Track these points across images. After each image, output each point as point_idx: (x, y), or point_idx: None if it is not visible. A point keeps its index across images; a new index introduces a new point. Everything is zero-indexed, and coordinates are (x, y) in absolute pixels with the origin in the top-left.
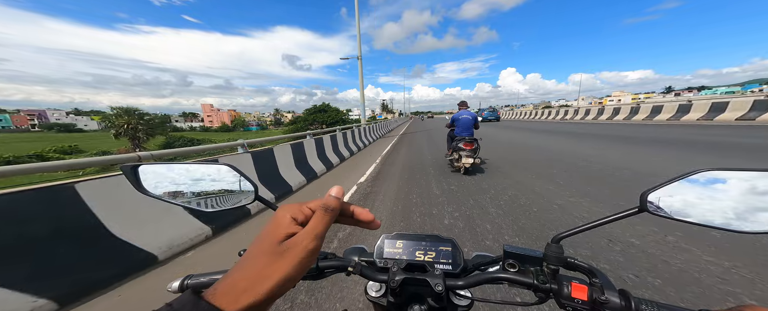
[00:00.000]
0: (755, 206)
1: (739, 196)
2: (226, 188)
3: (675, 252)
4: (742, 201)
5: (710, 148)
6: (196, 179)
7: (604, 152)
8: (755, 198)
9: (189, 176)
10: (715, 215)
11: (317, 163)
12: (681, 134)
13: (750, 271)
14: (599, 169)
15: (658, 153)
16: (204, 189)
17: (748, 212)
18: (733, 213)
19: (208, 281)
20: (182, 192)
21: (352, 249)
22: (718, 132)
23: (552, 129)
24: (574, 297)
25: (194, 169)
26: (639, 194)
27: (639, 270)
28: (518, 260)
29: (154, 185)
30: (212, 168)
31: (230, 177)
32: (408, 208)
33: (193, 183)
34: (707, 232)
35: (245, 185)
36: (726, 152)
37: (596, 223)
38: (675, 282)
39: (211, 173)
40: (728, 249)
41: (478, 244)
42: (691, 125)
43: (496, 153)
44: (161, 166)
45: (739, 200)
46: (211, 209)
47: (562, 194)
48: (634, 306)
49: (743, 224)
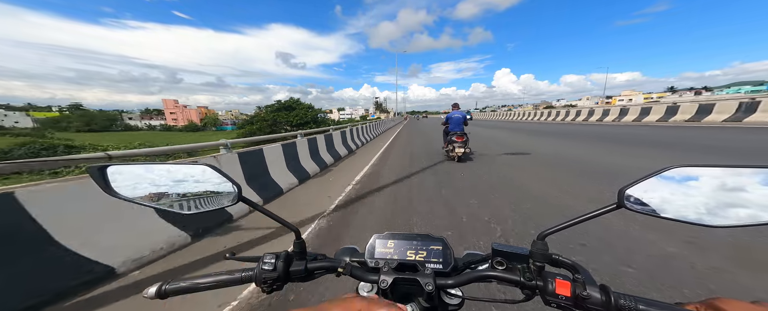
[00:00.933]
0: (725, 202)
1: (710, 192)
2: (208, 189)
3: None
4: (712, 197)
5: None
6: (177, 181)
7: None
8: (725, 194)
9: (169, 177)
10: (688, 211)
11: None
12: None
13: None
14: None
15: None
16: (184, 191)
17: (718, 207)
18: (705, 209)
19: (188, 286)
20: (159, 194)
21: (343, 249)
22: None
23: (558, 132)
24: (558, 293)
25: (176, 170)
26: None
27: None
28: (506, 257)
29: (125, 186)
30: (195, 169)
31: (214, 178)
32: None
33: (173, 185)
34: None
35: (228, 186)
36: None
37: (578, 220)
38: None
39: (195, 174)
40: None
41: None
42: (725, 129)
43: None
44: (137, 167)
45: (710, 196)
46: (192, 211)
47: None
48: (614, 300)
49: (714, 219)
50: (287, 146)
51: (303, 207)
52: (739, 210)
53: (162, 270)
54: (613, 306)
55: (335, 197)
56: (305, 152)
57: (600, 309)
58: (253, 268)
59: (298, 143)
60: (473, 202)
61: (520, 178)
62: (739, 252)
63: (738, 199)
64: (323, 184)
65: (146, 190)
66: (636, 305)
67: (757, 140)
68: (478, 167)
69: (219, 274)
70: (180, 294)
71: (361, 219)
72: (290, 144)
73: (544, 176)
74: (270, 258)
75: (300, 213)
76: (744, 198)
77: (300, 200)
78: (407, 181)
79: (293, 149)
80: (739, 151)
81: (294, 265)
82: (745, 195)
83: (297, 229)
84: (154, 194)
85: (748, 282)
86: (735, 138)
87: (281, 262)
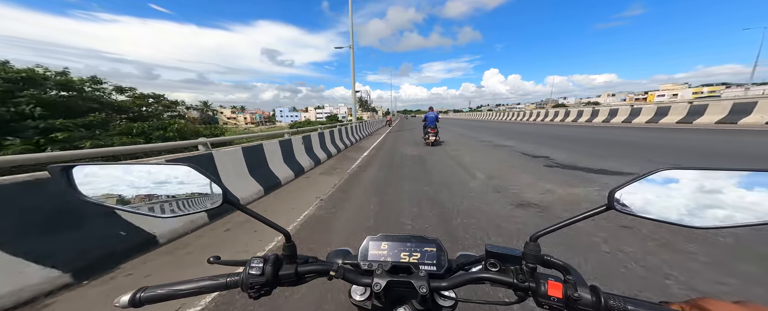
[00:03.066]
0: (703, 203)
1: (690, 194)
2: (192, 191)
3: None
4: (692, 199)
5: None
6: (158, 183)
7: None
8: (703, 196)
9: (149, 179)
10: (671, 212)
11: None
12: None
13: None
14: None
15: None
16: (166, 193)
17: (697, 209)
18: (686, 210)
19: (166, 293)
20: (137, 197)
21: (335, 251)
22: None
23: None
24: (550, 295)
25: (157, 171)
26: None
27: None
28: (499, 259)
29: (97, 188)
30: (178, 170)
31: (198, 180)
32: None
33: (155, 187)
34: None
35: (211, 187)
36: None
37: (569, 221)
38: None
39: (178, 176)
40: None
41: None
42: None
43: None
44: (113, 167)
45: (689, 198)
46: (174, 214)
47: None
48: (604, 301)
49: (694, 220)
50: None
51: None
52: (716, 211)
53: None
54: (603, 307)
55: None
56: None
57: (590, 310)
58: (239, 273)
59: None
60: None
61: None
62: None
63: (714, 201)
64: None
65: (123, 192)
66: (625, 306)
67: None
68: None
69: (201, 280)
70: (157, 301)
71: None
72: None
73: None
74: (258, 262)
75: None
76: (720, 200)
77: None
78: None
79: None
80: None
81: (284, 269)
82: (721, 197)
83: (287, 231)
84: (131, 197)
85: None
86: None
87: (270, 266)
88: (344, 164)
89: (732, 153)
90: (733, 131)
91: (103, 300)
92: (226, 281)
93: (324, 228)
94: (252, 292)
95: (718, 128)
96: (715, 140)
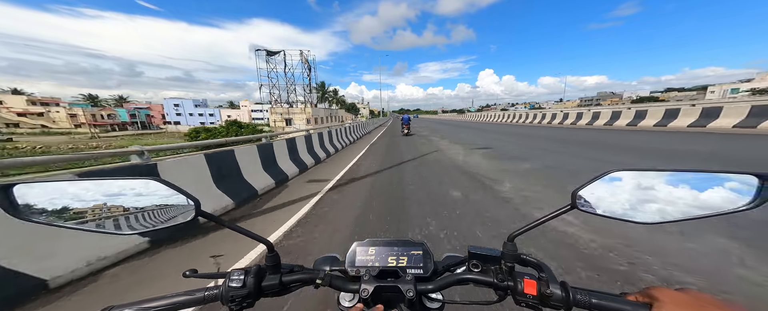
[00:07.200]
0: (641, 199)
1: (631, 191)
2: (154, 203)
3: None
4: (632, 196)
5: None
6: (111, 196)
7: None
8: (640, 193)
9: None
10: (616, 208)
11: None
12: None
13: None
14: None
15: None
16: (124, 206)
17: (637, 204)
18: (629, 206)
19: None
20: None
21: (322, 258)
22: None
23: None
24: (526, 292)
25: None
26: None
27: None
28: (481, 260)
29: (42, 207)
30: (134, 183)
31: (161, 191)
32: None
33: (108, 200)
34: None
35: (181, 199)
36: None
37: (540, 220)
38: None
39: (135, 188)
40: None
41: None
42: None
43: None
44: (56, 183)
45: (631, 194)
46: (136, 231)
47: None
48: (572, 296)
49: (637, 215)
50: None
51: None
52: (652, 205)
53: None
54: (571, 301)
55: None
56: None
57: (561, 305)
58: (218, 286)
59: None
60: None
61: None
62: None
63: (650, 196)
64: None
65: (71, 208)
66: (590, 299)
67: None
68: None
69: (176, 295)
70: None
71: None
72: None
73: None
74: (239, 274)
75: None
76: (653, 196)
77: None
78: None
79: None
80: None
81: (267, 279)
82: (654, 193)
83: (269, 242)
84: (81, 213)
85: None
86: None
87: (252, 278)
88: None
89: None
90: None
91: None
92: (204, 295)
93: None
94: (233, 305)
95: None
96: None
